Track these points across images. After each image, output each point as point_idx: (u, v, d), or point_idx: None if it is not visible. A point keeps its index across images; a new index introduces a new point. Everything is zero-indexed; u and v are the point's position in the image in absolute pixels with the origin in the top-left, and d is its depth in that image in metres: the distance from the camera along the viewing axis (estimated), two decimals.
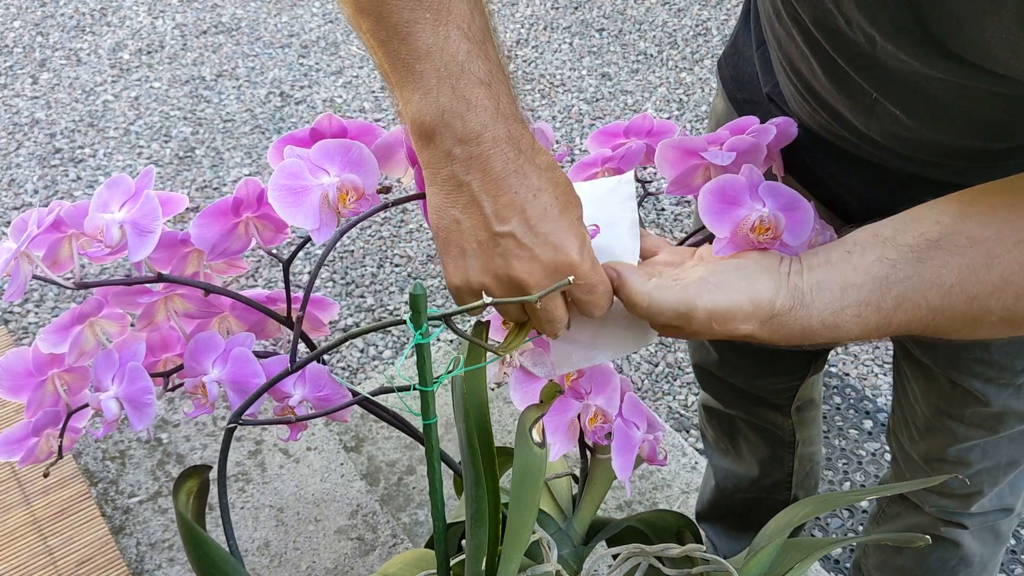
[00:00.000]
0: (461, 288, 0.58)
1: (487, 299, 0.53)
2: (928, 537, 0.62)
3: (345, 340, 0.60)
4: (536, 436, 0.59)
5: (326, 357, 1.81)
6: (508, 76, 0.58)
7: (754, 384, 1.15)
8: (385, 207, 0.65)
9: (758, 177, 0.67)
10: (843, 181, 0.79)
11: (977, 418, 0.88)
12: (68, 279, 0.65)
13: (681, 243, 0.76)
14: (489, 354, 0.59)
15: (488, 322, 0.63)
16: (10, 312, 1.98)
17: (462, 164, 0.55)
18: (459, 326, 0.57)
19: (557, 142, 2.55)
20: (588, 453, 0.79)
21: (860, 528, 1.64)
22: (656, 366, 1.96)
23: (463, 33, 0.55)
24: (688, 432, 1.80)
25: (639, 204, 0.81)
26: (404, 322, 0.53)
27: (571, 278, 0.55)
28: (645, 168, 0.81)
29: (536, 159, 0.57)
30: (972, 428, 0.89)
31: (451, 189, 0.56)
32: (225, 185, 2.36)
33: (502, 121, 0.55)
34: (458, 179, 0.55)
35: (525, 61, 2.89)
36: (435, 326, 0.54)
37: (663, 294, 0.59)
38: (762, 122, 0.76)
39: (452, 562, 0.69)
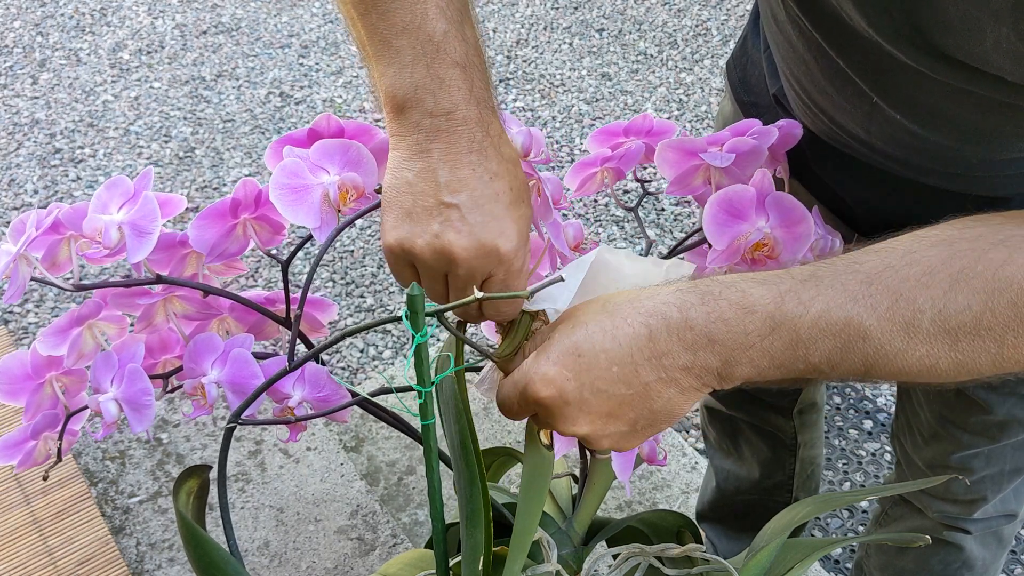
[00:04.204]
0: (393, 248, 0.58)
1: (478, 294, 0.53)
2: (928, 537, 0.61)
3: (342, 338, 0.60)
4: (544, 439, 0.60)
5: (325, 357, 1.81)
6: (485, 60, 0.58)
7: (757, 387, 1.14)
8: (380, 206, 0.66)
9: (769, 185, 0.67)
10: (847, 186, 0.79)
11: (981, 426, 0.88)
12: (67, 280, 0.65)
13: (676, 246, 0.76)
14: (477, 356, 0.59)
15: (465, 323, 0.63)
16: (10, 312, 1.98)
17: (428, 134, 0.56)
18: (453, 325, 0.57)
19: (557, 143, 2.55)
20: (588, 453, 0.79)
21: (860, 528, 1.64)
22: None
23: (441, 12, 0.56)
24: (688, 432, 1.80)
25: (637, 206, 0.81)
26: (401, 319, 0.53)
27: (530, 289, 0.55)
28: (645, 168, 0.81)
29: (502, 148, 0.57)
30: (976, 436, 0.89)
31: (412, 154, 0.56)
32: (225, 185, 2.36)
33: (474, 104, 0.56)
34: (421, 146, 0.56)
35: (525, 61, 2.89)
36: (429, 324, 0.54)
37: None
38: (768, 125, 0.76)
39: (452, 562, 0.69)
